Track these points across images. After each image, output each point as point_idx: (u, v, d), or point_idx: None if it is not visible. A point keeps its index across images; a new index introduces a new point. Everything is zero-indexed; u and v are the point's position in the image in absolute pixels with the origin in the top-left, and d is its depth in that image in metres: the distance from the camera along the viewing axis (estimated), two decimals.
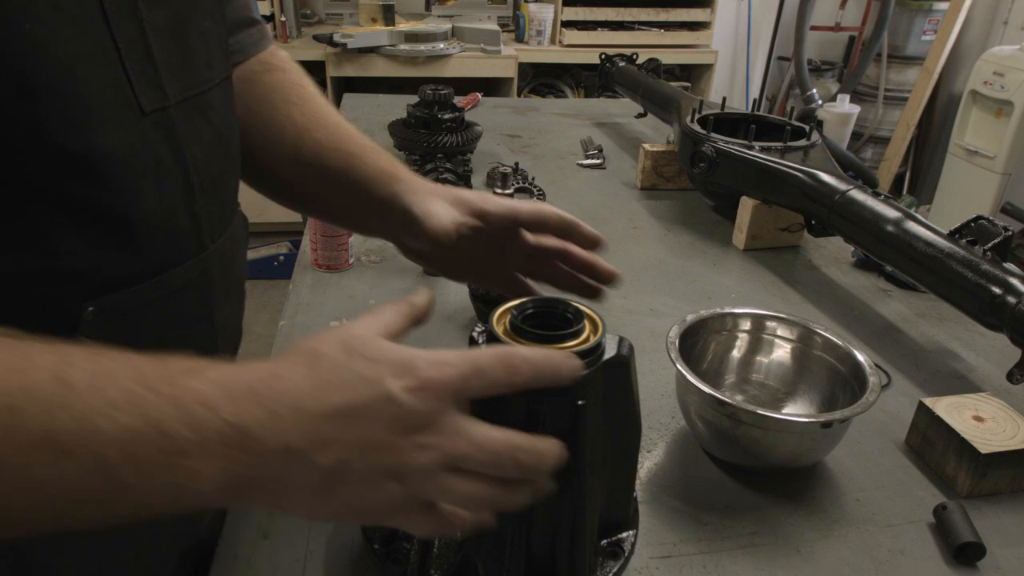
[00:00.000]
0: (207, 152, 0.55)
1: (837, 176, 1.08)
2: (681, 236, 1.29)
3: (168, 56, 0.50)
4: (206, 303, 0.58)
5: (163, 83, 0.49)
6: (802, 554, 0.65)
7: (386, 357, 0.39)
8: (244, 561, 0.61)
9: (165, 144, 0.50)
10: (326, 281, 1.06)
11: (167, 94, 0.50)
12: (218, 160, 0.58)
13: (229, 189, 0.62)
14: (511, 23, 3.31)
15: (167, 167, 0.50)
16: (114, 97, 0.45)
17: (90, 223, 0.45)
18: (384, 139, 1.48)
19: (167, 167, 0.50)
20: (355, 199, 0.67)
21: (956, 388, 0.90)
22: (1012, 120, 3.04)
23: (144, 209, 0.48)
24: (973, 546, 0.64)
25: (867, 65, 3.69)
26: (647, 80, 1.72)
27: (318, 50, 2.84)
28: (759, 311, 0.82)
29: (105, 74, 0.45)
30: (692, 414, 0.74)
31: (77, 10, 0.42)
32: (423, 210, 0.61)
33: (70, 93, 0.42)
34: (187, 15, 0.53)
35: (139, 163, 0.47)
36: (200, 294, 0.56)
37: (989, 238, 0.87)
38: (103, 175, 0.45)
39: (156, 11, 0.48)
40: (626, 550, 0.59)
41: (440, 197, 0.62)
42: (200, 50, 0.54)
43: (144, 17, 0.47)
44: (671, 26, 3.30)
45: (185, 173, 0.52)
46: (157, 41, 0.48)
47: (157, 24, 0.49)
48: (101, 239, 0.46)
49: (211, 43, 0.56)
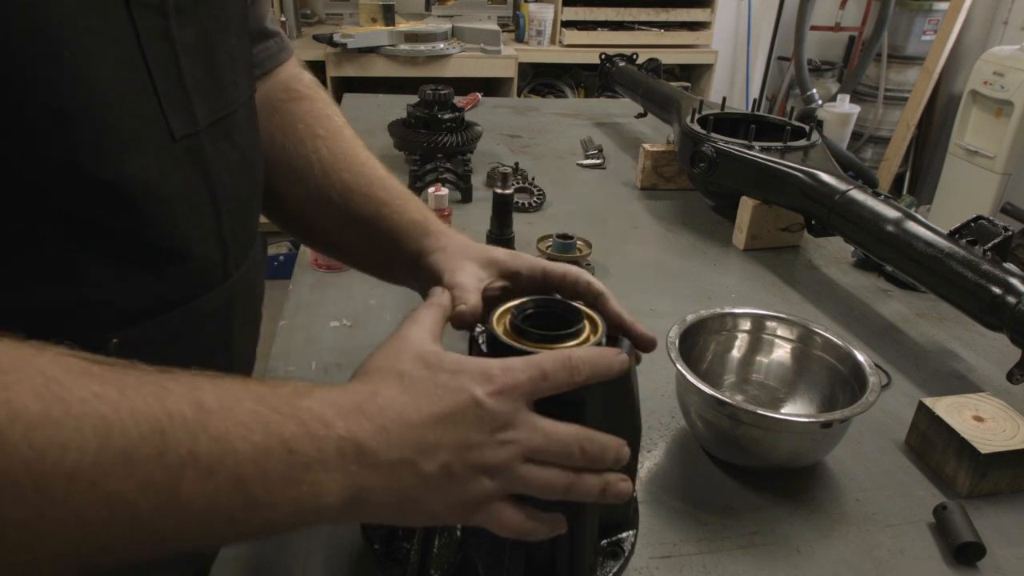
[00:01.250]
0: (233, 176, 0.54)
1: (837, 176, 1.08)
2: (681, 236, 1.29)
3: (197, 79, 0.49)
4: (226, 332, 0.57)
5: (193, 107, 0.48)
6: (802, 554, 0.65)
7: (465, 367, 0.43)
8: (244, 561, 0.61)
9: (195, 170, 0.49)
10: (326, 281, 1.06)
11: (196, 119, 0.49)
12: (244, 184, 0.57)
13: (253, 213, 0.61)
14: (511, 23, 3.31)
15: (197, 194, 0.50)
16: (146, 123, 0.44)
17: (119, 253, 0.44)
18: (384, 139, 1.48)
19: (197, 194, 0.50)
20: (383, 250, 0.65)
21: (956, 388, 0.90)
22: (1012, 120, 3.04)
23: (173, 238, 0.47)
24: (973, 546, 0.64)
25: (867, 65, 3.69)
26: (647, 80, 1.72)
27: (318, 50, 2.84)
28: (759, 311, 0.82)
29: (137, 99, 0.44)
30: (692, 414, 0.74)
31: (111, 32, 0.41)
32: (451, 279, 0.58)
33: (103, 120, 0.41)
34: (215, 35, 0.51)
35: (170, 191, 0.46)
36: (221, 323, 0.56)
37: (989, 238, 0.87)
38: (134, 204, 0.44)
39: (187, 31, 0.47)
40: (626, 550, 0.59)
41: (469, 259, 0.60)
42: (227, 70, 0.53)
43: (175, 39, 0.46)
44: (671, 26, 3.30)
45: (214, 200, 0.51)
46: (187, 63, 0.47)
47: (187, 45, 0.47)
48: (129, 270, 0.45)
49: (237, 62, 0.55)
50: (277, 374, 0.86)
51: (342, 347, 0.91)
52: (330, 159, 0.67)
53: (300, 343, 0.92)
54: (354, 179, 0.66)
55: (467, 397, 0.42)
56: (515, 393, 0.42)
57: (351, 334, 0.95)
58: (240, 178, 0.56)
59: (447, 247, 0.62)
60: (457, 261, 0.60)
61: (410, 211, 0.65)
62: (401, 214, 0.65)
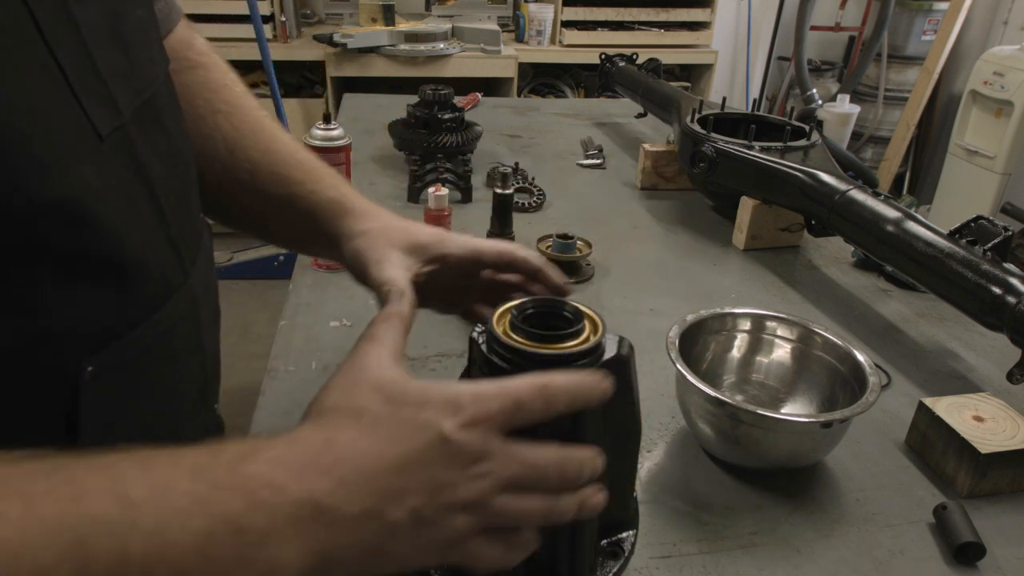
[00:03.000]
0: (166, 166, 0.50)
1: (837, 176, 1.08)
2: (681, 236, 1.29)
3: (111, 63, 0.43)
4: (195, 336, 0.54)
5: (114, 96, 0.43)
6: (802, 554, 0.65)
7: (430, 399, 0.39)
8: None
9: (127, 169, 0.45)
10: (326, 281, 1.06)
11: (120, 109, 0.44)
12: (179, 173, 0.52)
13: (194, 202, 0.56)
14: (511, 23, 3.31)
15: (135, 195, 0.45)
16: (70, 126, 0.40)
17: (72, 276, 0.41)
18: (384, 139, 1.48)
19: (135, 195, 0.45)
20: (302, 231, 0.61)
21: (956, 388, 0.90)
22: (1012, 120, 3.04)
23: (125, 246, 0.44)
24: (973, 546, 0.64)
25: (867, 65, 3.69)
26: (647, 80, 1.72)
27: (318, 50, 2.84)
28: (759, 311, 0.82)
29: (54, 100, 0.39)
30: (692, 414, 0.74)
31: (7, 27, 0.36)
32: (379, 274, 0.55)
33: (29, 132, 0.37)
34: (119, 7, 0.46)
35: (110, 198, 0.42)
36: (191, 325, 0.53)
37: (989, 238, 0.87)
38: (81, 221, 0.40)
39: (89, 9, 0.42)
40: (626, 550, 0.59)
41: (394, 246, 0.57)
42: (140, 46, 0.48)
43: (79, 21, 0.41)
44: (671, 26, 3.29)
45: (153, 198, 0.47)
46: (97, 47, 0.42)
47: (93, 26, 0.42)
48: (91, 289, 0.42)
49: (148, 34, 0.50)
50: (277, 374, 0.86)
51: (342, 347, 0.91)
52: (235, 136, 0.62)
53: (300, 343, 0.92)
54: (263, 156, 0.61)
55: (433, 434, 0.38)
56: (486, 423, 0.39)
57: (351, 334, 0.95)
58: (174, 167, 0.51)
59: (369, 231, 0.58)
60: (382, 250, 0.57)
61: (325, 189, 0.61)
62: (316, 193, 0.61)
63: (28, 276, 0.39)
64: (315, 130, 1.03)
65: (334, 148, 1.03)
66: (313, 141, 1.03)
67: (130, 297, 0.45)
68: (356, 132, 1.62)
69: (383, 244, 0.57)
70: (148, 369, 0.49)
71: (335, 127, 1.04)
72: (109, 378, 0.44)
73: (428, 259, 0.58)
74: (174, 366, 0.52)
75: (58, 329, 0.41)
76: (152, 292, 0.47)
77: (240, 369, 0.58)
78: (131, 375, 0.47)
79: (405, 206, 1.33)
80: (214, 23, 2.79)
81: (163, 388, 0.51)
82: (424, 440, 0.38)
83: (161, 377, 0.50)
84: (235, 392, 2.67)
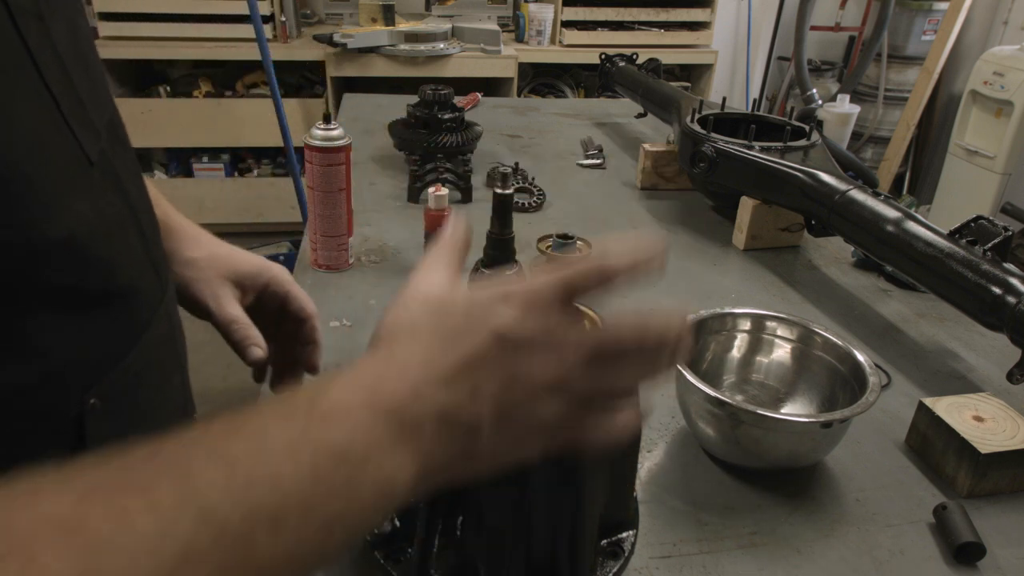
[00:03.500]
0: (135, 183, 0.49)
1: (837, 176, 1.08)
2: (681, 236, 1.29)
3: (82, 82, 0.42)
4: (177, 351, 0.54)
5: (91, 118, 0.42)
6: (802, 554, 0.65)
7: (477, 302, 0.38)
8: None
9: (114, 191, 0.44)
10: (326, 281, 1.06)
11: (97, 130, 0.43)
12: (140, 185, 0.51)
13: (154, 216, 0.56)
14: (511, 23, 3.31)
15: (123, 218, 0.45)
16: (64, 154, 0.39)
17: (73, 310, 0.40)
18: (384, 139, 1.48)
19: (123, 218, 0.45)
20: None
21: (956, 388, 0.90)
22: (1012, 120, 3.04)
23: (116, 274, 0.43)
24: (973, 546, 0.64)
25: (867, 65, 3.69)
26: (647, 80, 1.72)
27: (318, 50, 2.84)
28: (759, 311, 0.82)
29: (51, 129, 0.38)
30: (692, 414, 0.74)
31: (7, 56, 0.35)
32: (222, 312, 0.57)
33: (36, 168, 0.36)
34: (75, 21, 0.44)
35: (101, 226, 0.42)
36: (172, 343, 0.53)
37: (989, 238, 0.87)
38: (83, 256, 0.39)
39: (58, 28, 0.40)
40: (626, 550, 0.59)
41: (223, 278, 0.59)
42: (94, 57, 0.47)
43: (55, 41, 0.39)
44: (671, 26, 3.30)
45: (136, 221, 0.47)
46: (72, 66, 0.41)
47: (66, 45, 0.41)
48: (86, 323, 0.41)
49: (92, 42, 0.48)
50: None
51: (342, 347, 0.91)
52: None
53: None
54: None
55: (486, 333, 0.36)
56: (542, 309, 0.37)
57: (351, 334, 0.95)
58: (139, 182, 0.50)
59: (196, 260, 0.59)
60: (216, 284, 0.58)
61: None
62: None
63: (27, 317, 0.38)
64: (315, 130, 1.03)
65: (334, 148, 1.03)
66: (313, 141, 1.02)
67: (120, 325, 0.45)
68: (356, 132, 1.62)
69: (215, 278, 0.58)
70: (144, 393, 0.49)
71: (335, 127, 1.04)
72: (110, 407, 0.44)
73: (249, 291, 0.61)
74: (161, 385, 0.52)
75: (56, 367, 0.40)
76: (138, 316, 0.47)
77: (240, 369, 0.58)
78: (129, 401, 0.47)
79: (405, 206, 1.33)
80: (214, 23, 2.80)
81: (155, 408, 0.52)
82: (478, 341, 0.37)
83: (152, 398, 0.51)
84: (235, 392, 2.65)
